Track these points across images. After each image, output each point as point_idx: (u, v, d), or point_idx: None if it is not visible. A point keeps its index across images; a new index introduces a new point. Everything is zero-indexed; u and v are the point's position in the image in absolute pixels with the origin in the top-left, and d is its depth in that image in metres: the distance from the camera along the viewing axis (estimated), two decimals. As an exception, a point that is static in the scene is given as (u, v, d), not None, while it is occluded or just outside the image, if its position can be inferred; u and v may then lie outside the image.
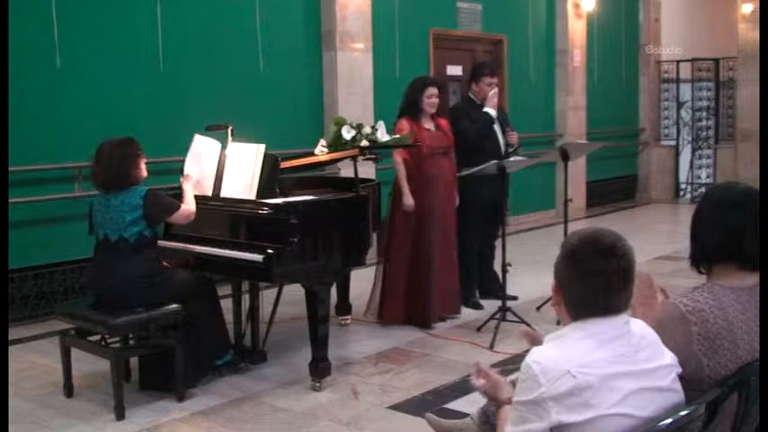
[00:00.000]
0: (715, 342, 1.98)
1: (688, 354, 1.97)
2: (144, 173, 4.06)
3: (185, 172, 4.35)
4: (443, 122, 5.34)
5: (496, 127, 5.66)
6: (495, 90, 5.59)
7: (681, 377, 1.95)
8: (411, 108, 5.18)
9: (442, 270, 5.22)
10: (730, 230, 2.07)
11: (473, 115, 5.55)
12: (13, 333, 5.11)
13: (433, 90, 5.19)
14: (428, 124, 5.22)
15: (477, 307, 5.52)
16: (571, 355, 1.77)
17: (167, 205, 4.02)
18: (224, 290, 4.63)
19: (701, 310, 2.00)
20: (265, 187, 4.17)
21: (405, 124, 5.11)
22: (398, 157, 5.14)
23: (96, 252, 4.09)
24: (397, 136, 4.78)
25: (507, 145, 5.69)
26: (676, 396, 1.86)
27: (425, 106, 5.17)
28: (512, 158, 5.29)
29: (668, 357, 1.88)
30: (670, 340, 1.97)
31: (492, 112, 5.54)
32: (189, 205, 4.10)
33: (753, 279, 2.07)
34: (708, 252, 2.12)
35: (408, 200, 5.09)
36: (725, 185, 2.25)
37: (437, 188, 5.17)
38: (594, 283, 1.82)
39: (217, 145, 4.41)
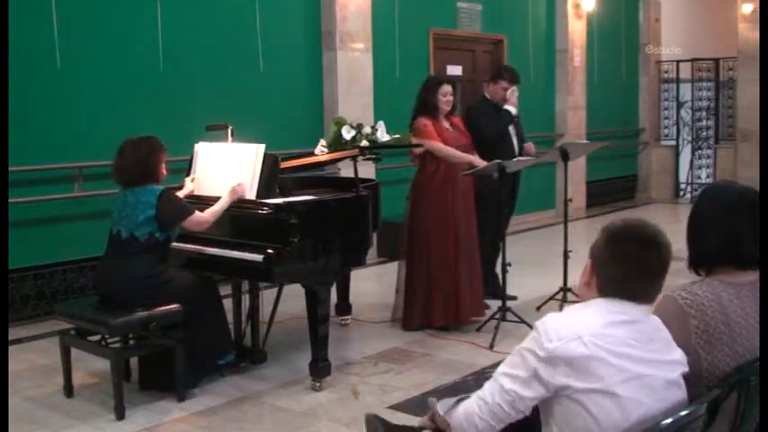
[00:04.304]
0: (713, 336, 1.98)
1: (686, 348, 1.98)
2: (164, 170, 4.10)
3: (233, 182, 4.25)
4: (457, 121, 5.32)
5: (510, 128, 5.69)
6: (515, 88, 5.65)
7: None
8: (426, 107, 5.14)
9: (467, 271, 5.13)
10: (729, 235, 2.08)
11: (491, 114, 5.57)
12: (13, 333, 5.11)
13: (447, 88, 5.15)
14: (445, 123, 5.19)
15: (485, 307, 5.46)
16: (585, 323, 1.80)
17: (179, 210, 4.00)
18: (224, 290, 4.63)
19: (700, 304, 2.01)
20: (265, 187, 4.16)
21: (427, 122, 5.07)
22: (416, 151, 5.10)
23: (107, 247, 4.10)
24: (398, 136, 4.76)
25: (521, 151, 5.72)
26: (681, 392, 1.87)
27: (441, 104, 5.13)
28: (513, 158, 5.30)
29: (678, 354, 1.90)
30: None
31: (513, 109, 5.58)
32: (207, 214, 4.03)
33: (753, 276, 2.07)
34: (707, 257, 2.13)
35: (474, 159, 5.06)
36: (720, 187, 2.26)
37: (457, 188, 5.10)
38: (630, 267, 1.86)
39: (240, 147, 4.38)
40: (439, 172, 5.09)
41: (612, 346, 1.77)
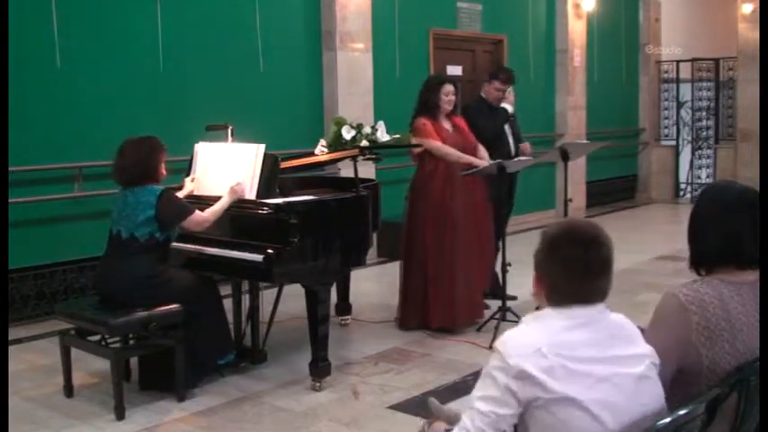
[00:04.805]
0: (714, 333, 1.99)
1: (687, 344, 1.98)
2: (164, 170, 4.10)
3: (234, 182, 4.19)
4: (459, 121, 5.30)
5: (507, 128, 5.70)
6: (511, 88, 5.68)
7: (678, 369, 1.95)
8: (427, 107, 5.12)
9: (466, 273, 5.09)
10: (729, 235, 2.08)
11: (487, 113, 5.58)
12: (13, 333, 5.11)
13: (449, 87, 5.14)
14: (446, 124, 5.17)
15: (485, 307, 5.45)
16: (545, 333, 1.79)
17: (179, 210, 4.00)
18: (224, 290, 4.63)
19: (701, 300, 2.01)
20: (265, 187, 4.16)
21: (426, 121, 5.06)
22: (415, 151, 5.09)
23: (106, 247, 4.10)
24: (398, 136, 4.76)
25: (517, 151, 5.75)
26: (654, 384, 1.85)
27: (443, 104, 5.11)
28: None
29: (643, 348, 1.87)
30: (669, 331, 1.98)
31: (509, 108, 5.59)
32: (208, 213, 4.03)
33: (753, 275, 2.08)
34: (707, 257, 2.13)
35: (474, 160, 5.05)
36: (720, 187, 2.26)
37: (457, 187, 5.07)
38: (573, 270, 1.84)
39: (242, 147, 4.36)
40: (437, 171, 5.08)
41: (573, 352, 1.76)
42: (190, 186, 4.41)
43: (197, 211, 4.02)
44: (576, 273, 1.84)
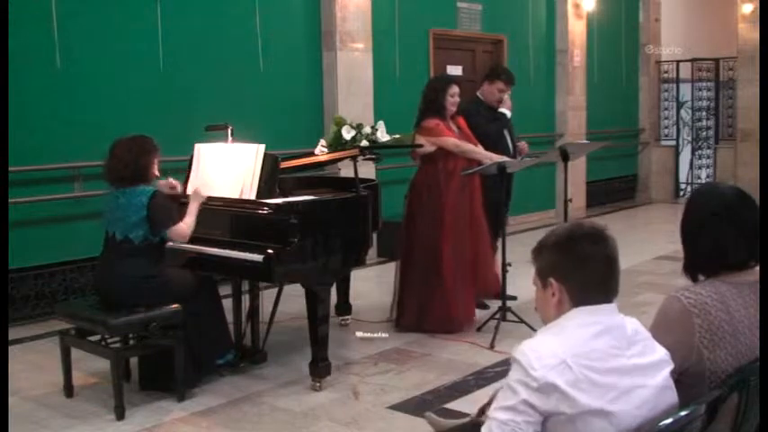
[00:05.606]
0: (716, 334, 1.98)
1: (690, 347, 1.98)
2: (156, 171, 4.08)
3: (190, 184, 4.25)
4: (462, 122, 5.29)
5: (504, 129, 5.70)
6: (508, 92, 5.68)
7: (681, 371, 1.94)
8: (434, 108, 5.10)
9: (463, 275, 5.08)
10: (724, 240, 2.07)
11: (485, 116, 5.57)
12: (13, 333, 5.11)
13: (455, 88, 5.13)
14: (451, 124, 5.18)
15: (484, 306, 5.44)
16: (567, 343, 1.76)
17: (167, 217, 3.97)
18: (224, 290, 4.63)
19: (704, 303, 2.01)
20: (265, 187, 4.16)
21: (439, 122, 5.04)
22: (419, 151, 5.08)
23: (103, 249, 4.09)
24: (397, 136, 4.76)
25: (515, 152, 5.75)
26: (672, 393, 1.85)
27: (449, 105, 5.10)
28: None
29: (660, 353, 1.86)
30: (672, 333, 1.97)
31: (508, 113, 5.58)
32: (187, 226, 4.02)
33: (754, 275, 2.08)
34: (707, 260, 2.12)
35: (493, 156, 5.05)
36: (709, 191, 2.26)
37: (458, 188, 5.06)
38: (598, 265, 1.84)
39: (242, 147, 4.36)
40: (456, 171, 5.06)
41: (598, 363, 1.74)
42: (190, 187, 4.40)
43: (180, 224, 3.99)
44: (603, 267, 1.84)
